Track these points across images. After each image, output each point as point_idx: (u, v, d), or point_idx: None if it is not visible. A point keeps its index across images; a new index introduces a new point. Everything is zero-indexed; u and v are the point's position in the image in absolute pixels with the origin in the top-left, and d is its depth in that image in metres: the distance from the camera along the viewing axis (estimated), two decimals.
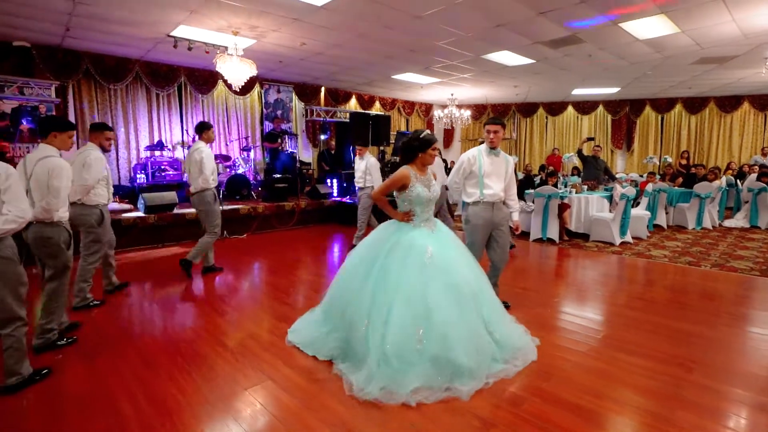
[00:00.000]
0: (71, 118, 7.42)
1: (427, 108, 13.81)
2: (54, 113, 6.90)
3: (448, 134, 14.32)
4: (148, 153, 8.09)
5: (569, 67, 8.60)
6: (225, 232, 7.30)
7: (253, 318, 3.79)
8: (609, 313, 3.92)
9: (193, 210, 6.97)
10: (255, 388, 2.61)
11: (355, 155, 9.00)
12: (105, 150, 4.00)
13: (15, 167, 2.60)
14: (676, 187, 8.49)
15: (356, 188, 6.46)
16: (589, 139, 8.62)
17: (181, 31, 6.15)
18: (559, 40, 6.65)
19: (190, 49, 6.61)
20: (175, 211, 6.79)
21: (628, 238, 6.73)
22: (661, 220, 8.01)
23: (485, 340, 2.76)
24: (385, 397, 2.43)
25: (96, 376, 2.77)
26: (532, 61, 8.03)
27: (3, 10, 5.34)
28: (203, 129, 4.95)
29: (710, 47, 6.93)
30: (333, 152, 10.05)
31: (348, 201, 8.72)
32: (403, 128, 12.87)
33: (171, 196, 6.80)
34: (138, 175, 7.77)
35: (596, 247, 6.52)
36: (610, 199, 7.36)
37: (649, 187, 7.54)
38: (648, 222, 7.31)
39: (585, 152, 8.49)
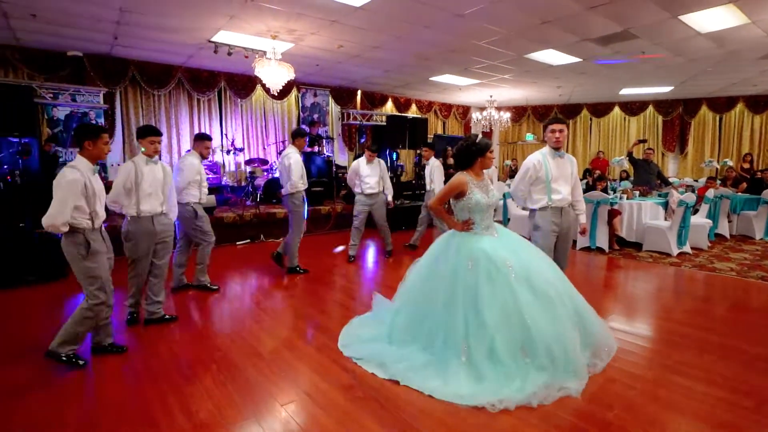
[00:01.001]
0: (118, 123, 7.70)
1: (465, 110, 13.50)
2: (103, 119, 7.16)
3: (486, 137, 13.92)
4: None
5: (619, 66, 8.10)
6: (262, 236, 7.34)
7: (288, 326, 3.69)
8: (674, 333, 3.53)
9: (231, 214, 7.08)
10: (290, 404, 2.48)
11: (394, 159, 8.85)
12: (203, 157, 4.48)
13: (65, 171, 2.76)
14: (739, 194, 7.80)
15: (362, 193, 5.79)
16: (641, 141, 8.08)
17: (222, 37, 6.22)
18: (610, 36, 6.24)
19: (229, 54, 6.68)
20: (214, 214, 6.86)
21: (687, 248, 6.20)
22: (723, 229, 7.37)
23: (577, 339, 2.71)
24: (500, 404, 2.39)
25: (133, 381, 2.73)
26: (579, 59, 7.62)
27: (58, 22, 5.57)
28: (296, 136, 5.19)
29: None
30: None
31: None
32: (439, 131, 12.62)
33: (210, 199, 6.87)
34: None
35: (651, 257, 6.04)
36: (665, 205, 6.83)
37: (710, 193, 6.94)
38: (709, 231, 6.72)
39: (635, 155, 7.95)
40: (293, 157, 5.00)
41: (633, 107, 12.34)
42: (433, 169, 6.36)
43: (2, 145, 6.06)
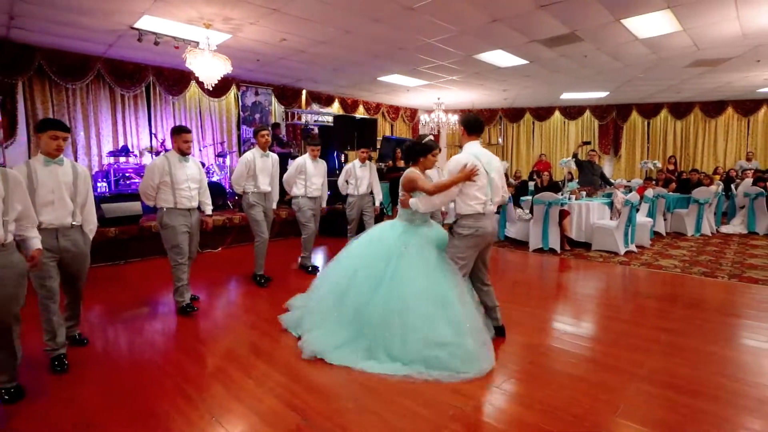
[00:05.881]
0: (21, 119, 6.65)
1: (413, 113, 13.40)
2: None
3: (434, 140, 13.92)
4: (111, 159, 7.37)
5: (562, 69, 8.30)
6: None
7: (222, 354, 3.16)
8: (638, 337, 3.44)
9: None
10: None
11: (342, 161, 8.49)
12: (184, 153, 3.88)
13: None
14: (670, 193, 8.24)
15: (305, 195, 5.33)
16: (585, 143, 8.33)
17: (146, 23, 5.50)
18: (558, 38, 6.29)
19: (156, 43, 5.96)
20: (141, 223, 6.06)
21: (633, 247, 6.37)
22: (660, 227, 7.72)
23: None
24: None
25: None
26: (526, 61, 7.68)
27: None
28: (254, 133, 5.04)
29: (707, 48, 6.70)
30: None
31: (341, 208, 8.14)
32: (387, 133, 12.39)
33: (135, 206, 6.06)
34: (99, 184, 7.02)
35: (601, 257, 6.12)
36: (611, 205, 7.01)
37: (650, 192, 7.23)
38: (650, 229, 6.98)
39: (580, 157, 8.16)
40: (245, 156, 4.83)
41: (572, 112, 12.87)
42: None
43: None
